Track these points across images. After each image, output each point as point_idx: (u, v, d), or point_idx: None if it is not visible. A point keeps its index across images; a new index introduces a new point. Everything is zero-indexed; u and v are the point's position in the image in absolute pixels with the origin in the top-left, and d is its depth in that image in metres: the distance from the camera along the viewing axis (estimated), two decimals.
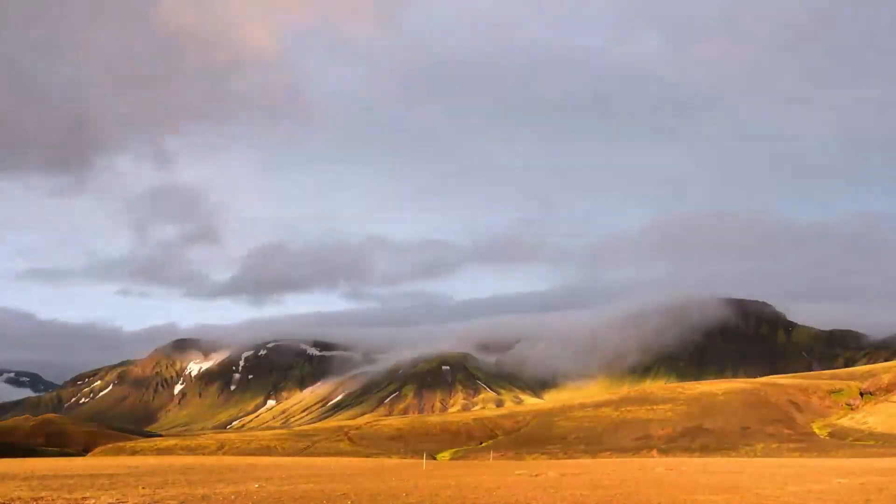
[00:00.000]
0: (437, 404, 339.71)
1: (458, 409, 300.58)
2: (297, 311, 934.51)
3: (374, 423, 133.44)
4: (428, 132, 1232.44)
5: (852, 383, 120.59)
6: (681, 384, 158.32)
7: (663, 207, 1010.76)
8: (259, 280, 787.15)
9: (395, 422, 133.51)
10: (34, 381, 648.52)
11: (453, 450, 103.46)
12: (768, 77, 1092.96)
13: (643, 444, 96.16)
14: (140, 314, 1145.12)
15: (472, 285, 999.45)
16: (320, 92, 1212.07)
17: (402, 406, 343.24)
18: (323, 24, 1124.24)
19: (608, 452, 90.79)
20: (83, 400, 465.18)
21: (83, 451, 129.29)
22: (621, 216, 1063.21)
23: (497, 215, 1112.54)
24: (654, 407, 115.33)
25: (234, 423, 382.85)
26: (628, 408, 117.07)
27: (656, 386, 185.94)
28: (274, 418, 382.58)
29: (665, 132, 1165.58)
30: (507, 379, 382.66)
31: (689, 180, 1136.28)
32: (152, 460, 69.20)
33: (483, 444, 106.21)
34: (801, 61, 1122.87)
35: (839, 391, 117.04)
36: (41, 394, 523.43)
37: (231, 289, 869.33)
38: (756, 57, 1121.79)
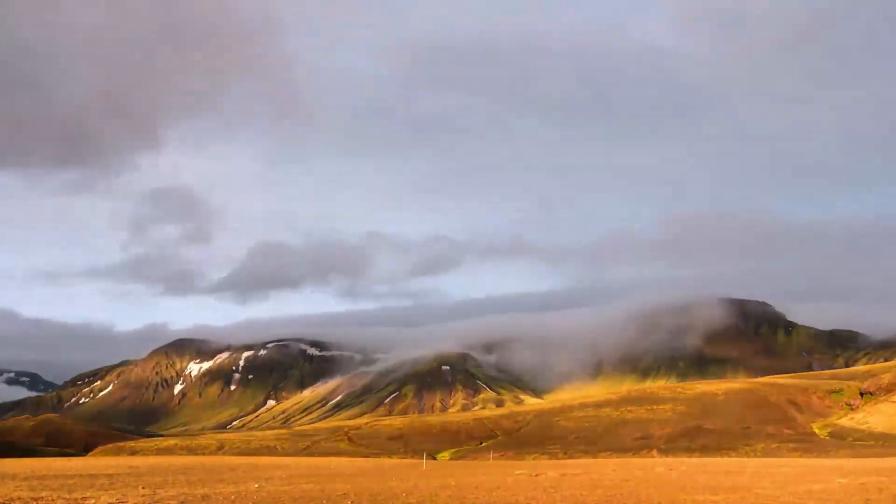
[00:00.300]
0: (437, 404, 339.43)
1: (458, 409, 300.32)
2: (297, 310, 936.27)
3: (374, 423, 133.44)
4: (428, 130, 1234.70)
5: (852, 383, 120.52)
6: (681, 384, 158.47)
7: (663, 207, 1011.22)
8: (259, 279, 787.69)
9: (395, 422, 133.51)
10: (34, 381, 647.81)
11: (453, 450, 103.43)
12: (768, 77, 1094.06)
13: (643, 444, 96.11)
14: (139, 314, 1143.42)
15: (472, 284, 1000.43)
16: (320, 90, 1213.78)
17: (401, 406, 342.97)
18: (324, 23, 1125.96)
19: (608, 452, 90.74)
20: (83, 400, 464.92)
21: (83, 451, 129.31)
22: (621, 216, 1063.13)
23: (497, 214, 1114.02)
24: (654, 407, 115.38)
25: (234, 423, 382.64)
26: (628, 408, 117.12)
27: (656, 386, 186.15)
28: (274, 418, 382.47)
29: (665, 132, 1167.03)
30: (507, 379, 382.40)
31: (689, 180, 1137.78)
32: (152, 460, 69.18)
33: (483, 444, 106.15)
34: (801, 61, 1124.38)
35: (839, 391, 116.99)
36: (41, 394, 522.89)
37: (230, 288, 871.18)
38: (756, 57, 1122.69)
